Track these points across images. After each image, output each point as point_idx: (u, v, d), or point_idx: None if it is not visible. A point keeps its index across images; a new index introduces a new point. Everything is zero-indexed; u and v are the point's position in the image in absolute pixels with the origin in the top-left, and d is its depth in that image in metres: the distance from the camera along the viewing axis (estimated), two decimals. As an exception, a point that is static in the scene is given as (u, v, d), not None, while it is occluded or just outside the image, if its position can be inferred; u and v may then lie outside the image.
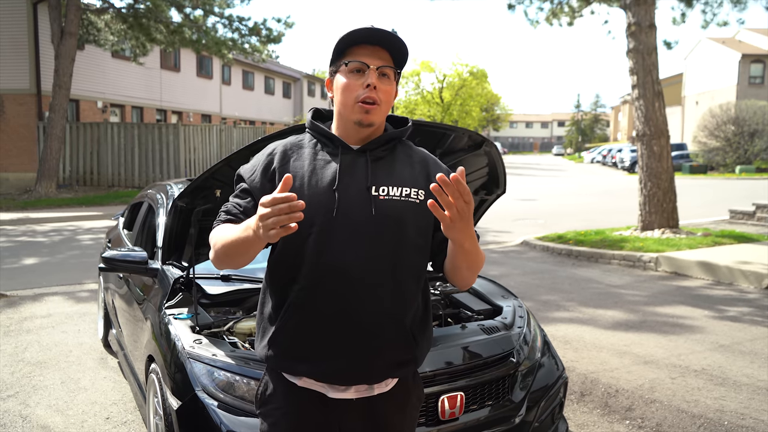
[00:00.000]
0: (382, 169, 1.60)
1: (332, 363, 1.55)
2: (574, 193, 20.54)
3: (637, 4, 9.78)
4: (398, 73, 1.62)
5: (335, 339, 1.55)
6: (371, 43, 1.57)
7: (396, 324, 1.57)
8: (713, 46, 38.41)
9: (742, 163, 27.63)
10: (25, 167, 18.48)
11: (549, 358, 2.98)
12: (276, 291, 1.61)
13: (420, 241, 1.61)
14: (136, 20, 17.73)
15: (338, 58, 1.61)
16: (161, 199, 3.89)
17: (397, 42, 1.58)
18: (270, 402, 1.65)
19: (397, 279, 1.56)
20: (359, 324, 1.54)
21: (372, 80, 1.54)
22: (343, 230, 1.53)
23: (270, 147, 1.66)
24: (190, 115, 27.08)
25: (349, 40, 1.58)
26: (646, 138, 9.81)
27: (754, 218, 11.79)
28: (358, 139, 1.61)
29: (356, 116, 1.56)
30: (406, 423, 1.71)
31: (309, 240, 1.53)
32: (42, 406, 3.75)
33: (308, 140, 1.66)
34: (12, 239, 10.73)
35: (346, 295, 1.53)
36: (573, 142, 76.91)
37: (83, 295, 6.61)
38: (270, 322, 1.61)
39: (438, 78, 50.27)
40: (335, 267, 1.52)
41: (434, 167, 1.68)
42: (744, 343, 4.93)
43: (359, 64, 1.56)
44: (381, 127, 1.64)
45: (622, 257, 8.49)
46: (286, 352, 1.58)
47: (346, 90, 1.57)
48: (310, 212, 1.51)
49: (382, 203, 1.56)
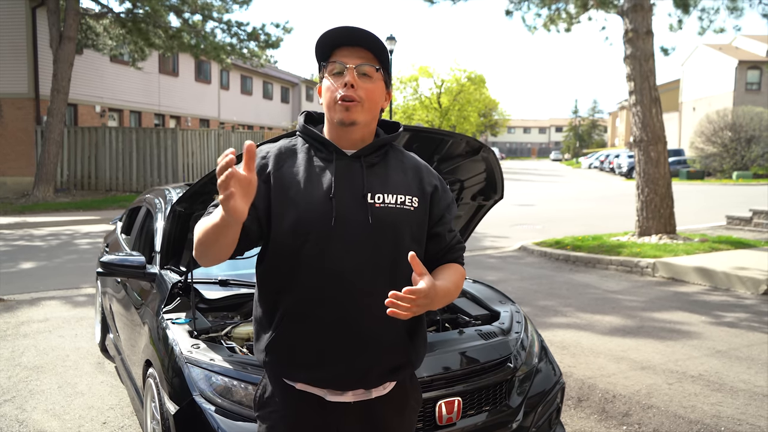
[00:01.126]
0: (377, 176, 1.60)
1: (330, 370, 1.56)
2: (571, 199, 20.57)
3: (634, 10, 9.83)
4: (387, 74, 1.62)
5: (333, 346, 1.55)
6: (350, 44, 1.57)
7: (393, 329, 1.58)
8: (710, 52, 38.57)
9: (739, 169, 27.71)
10: (23, 171, 18.46)
11: (546, 363, 2.99)
12: (268, 298, 1.60)
13: (415, 248, 1.61)
14: (134, 25, 17.75)
15: (321, 63, 1.62)
16: (159, 203, 3.89)
17: (374, 40, 1.57)
18: (268, 405, 1.65)
19: (393, 286, 1.55)
20: (357, 331, 1.55)
21: (349, 79, 1.54)
22: (341, 238, 1.53)
23: (263, 150, 1.64)
24: (188, 120, 27.08)
25: (329, 44, 1.58)
26: (644, 144, 9.84)
27: (751, 224, 11.83)
28: (349, 142, 1.60)
29: (337, 115, 1.56)
30: (404, 426, 1.72)
31: (305, 248, 1.52)
32: (39, 410, 3.74)
33: (301, 145, 1.65)
34: (9, 243, 10.71)
35: (343, 302, 1.53)
36: (571, 147, 77.11)
37: (80, 300, 6.60)
38: (265, 329, 1.61)
39: (436, 83, 50.38)
40: (333, 274, 1.52)
41: (426, 174, 1.69)
42: (741, 348, 4.94)
43: (338, 65, 1.56)
44: (372, 131, 1.64)
45: (619, 263, 8.50)
46: (284, 360, 1.58)
47: (327, 91, 1.58)
48: (307, 220, 1.52)
49: (378, 210, 1.56)
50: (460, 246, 1.73)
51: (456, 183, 3.13)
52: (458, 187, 3.17)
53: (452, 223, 1.73)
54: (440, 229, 1.68)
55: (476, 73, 50.53)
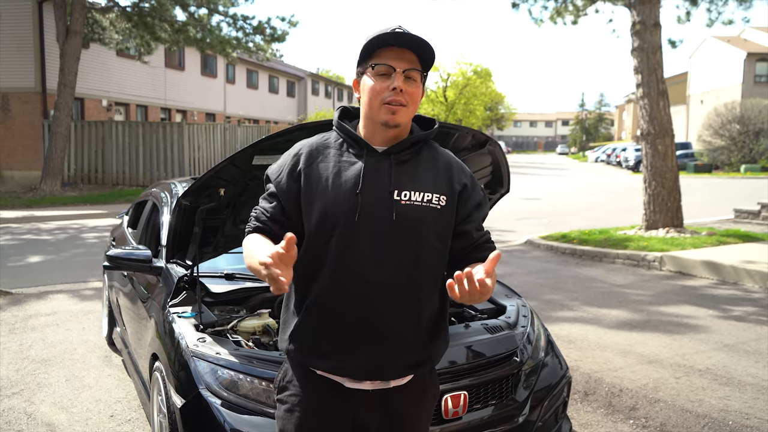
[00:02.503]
0: (406, 173, 1.61)
1: (350, 361, 1.59)
2: (578, 193, 20.50)
3: (641, 2, 9.74)
4: (424, 75, 1.64)
5: (354, 339, 1.58)
6: (398, 46, 1.58)
7: (413, 326, 1.60)
8: (718, 44, 38.26)
9: (747, 162, 27.52)
10: (30, 165, 18.55)
11: (553, 357, 2.98)
12: (299, 287, 1.64)
13: (439, 246, 1.63)
14: (140, 19, 17.76)
15: (365, 60, 1.62)
16: (165, 197, 3.89)
17: (424, 45, 1.59)
18: (288, 388, 1.69)
19: (415, 283, 1.59)
20: (377, 325, 1.57)
21: (398, 83, 1.56)
22: (365, 234, 1.55)
23: (296, 147, 1.68)
24: (194, 114, 27.12)
25: (377, 43, 1.59)
26: (651, 137, 9.78)
27: (759, 217, 11.74)
28: (384, 140, 1.62)
29: (383, 117, 1.58)
30: (421, 418, 1.73)
31: (331, 242, 1.56)
32: (47, 403, 3.76)
33: (334, 140, 1.67)
34: (17, 237, 10.77)
35: (365, 297, 1.56)
36: (577, 141, 76.75)
37: (88, 293, 6.63)
38: (293, 316, 1.65)
39: (442, 77, 50.20)
40: (355, 269, 1.55)
41: (458, 172, 1.69)
42: (749, 342, 4.91)
43: (386, 68, 1.57)
44: (407, 128, 1.65)
45: (626, 256, 8.47)
46: (306, 348, 1.62)
47: (372, 92, 1.58)
48: (333, 214, 1.55)
49: (404, 208, 1.57)
50: (489, 246, 1.70)
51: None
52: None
53: (481, 223, 1.72)
54: (467, 227, 1.68)
55: (482, 66, 50.40)
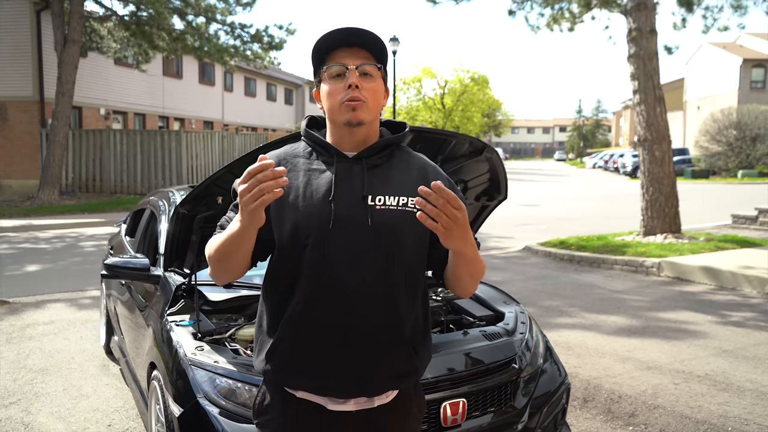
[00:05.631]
0: (379, 178, 1.57)
1: (331, 377, 1.52)
2: (576, 199, 20.53)
3: (637, 9, 9.80)
4: (384, 71, 1.60)
5: (334, 352, 1.52)
6: (348, 45, 1.55)
7: (395, 335, 1.54)
8: (714, 50, 38.44)
9: (744, 167, 27.58)
10: (28, 174, 18.53)
11: (551, 364, 2.97)
12: (273, 305, 1.58)
13: (418, 251, 1.58)
14: (138, 27, 17.80)
15: (318, 68, 1.59)
16: (163, 206, 3.89)
17: (372, 38, 1.55)
18: (267, 413, 1.62)
19: (394, 289, 1.53)
20: (357, 336, 1.51)
21: (353, 80, 1.52)
22: (340, 242, 1.50)
23: None
24: (192, 122, 27.14)
25: (325, 47, 1.56)
26: (648, 143, 9.81)
27: (756, 223, 11.77)
28: (352, 144, 1.57)
29: (344, 116, 1.53)
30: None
31: (305, 252, 1.50)
32: (44, 413, 3.75)
33: (303, 149, 1.63)
34: (15, 246, 10.75)
35: (343, 307, 1.50)
36: (575, 147, 76.99)
37: (85, 302, 6.61)
38: (268, 336, 1.59)
39: (439, 84, 50.38)
40: (332, 279, 1.50)
41: (433, 174, 1.64)
42: (747, 348, 4.91)
43: (339, 67, 1.54)
44: (375, 131, 1.61)
45: (624, 262, 8.48)
46: (284, 367, 1.55)
47: (329, 95, 1.55)
48: (306, 225, 1.50)
49: (379, 213, 1.52)
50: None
51: (459, 183, 3.12)
52: (462, 188, 3.17)
53: None
54: None
55: (479, 73, 50.53)
